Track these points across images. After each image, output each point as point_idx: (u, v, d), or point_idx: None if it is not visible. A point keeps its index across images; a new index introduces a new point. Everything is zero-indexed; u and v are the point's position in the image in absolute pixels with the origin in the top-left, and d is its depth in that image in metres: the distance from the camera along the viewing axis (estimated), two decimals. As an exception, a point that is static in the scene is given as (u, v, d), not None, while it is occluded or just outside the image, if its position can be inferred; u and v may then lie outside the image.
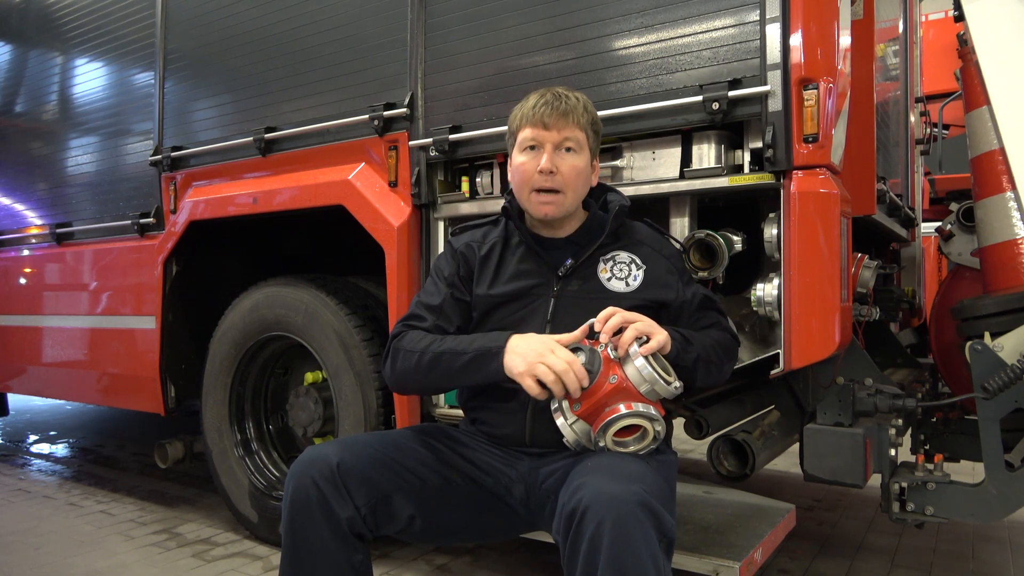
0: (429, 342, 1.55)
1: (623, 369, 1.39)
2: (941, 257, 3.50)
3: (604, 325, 1.42)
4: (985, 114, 2.22)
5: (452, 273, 1.69)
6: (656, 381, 1.37)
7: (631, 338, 1.40)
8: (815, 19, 1.72)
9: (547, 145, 1.57)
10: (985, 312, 2.05)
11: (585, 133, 1.59)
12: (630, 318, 1.43)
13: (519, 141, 1.61)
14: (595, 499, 1.20)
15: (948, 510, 1.91)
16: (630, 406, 1.37)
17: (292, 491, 1.43)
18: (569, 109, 1.56)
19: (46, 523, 2.99)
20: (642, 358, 1.38)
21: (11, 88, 3.79)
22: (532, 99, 1.60)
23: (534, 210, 1.61)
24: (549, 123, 1.56)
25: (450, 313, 1.66)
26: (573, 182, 1.59)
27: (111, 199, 3.24)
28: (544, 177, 1.56)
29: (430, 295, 1.68)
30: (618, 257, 1.63)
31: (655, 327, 1.45)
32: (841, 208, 1.71)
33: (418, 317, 1.65)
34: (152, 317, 2.96)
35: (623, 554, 1.17)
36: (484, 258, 1.68)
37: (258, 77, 2.70)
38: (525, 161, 1.59)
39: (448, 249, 1.75)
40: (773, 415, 2.18)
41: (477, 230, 1.75)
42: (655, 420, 1.38)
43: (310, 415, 2.66)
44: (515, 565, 2.53)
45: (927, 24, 5.73)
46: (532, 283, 1.63)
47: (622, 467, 1.32)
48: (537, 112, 1.56)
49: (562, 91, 1.60)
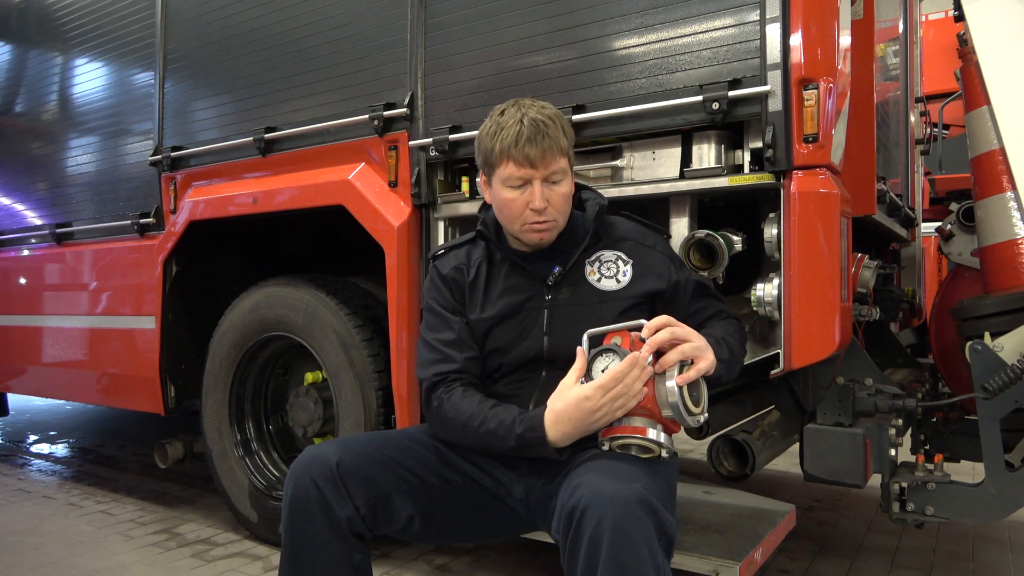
0: (468, 416, 1.50)
1: (654, 387, 1.36)
2: (941, 257, 3.50)
3: (652, 336, 1.38)
4: (985, 114, 2.22)
5: (449, 300, 1.66)
6: (680, 413, 1.34)
7: (674, 362, 1.37)
8: (815, 19, 1.72)
9: (535, 183, 1.51)
10: (985, 312, 2.05)
11: (567, 156, 1.55)
12: (680, 336, 1.39)
13: (503, 176, 1.53)
14: (595, 498, 1.20)
15: (948, 510, 1.91)
16: (644, 431, 1.36)
17: (292, 491, 1.43)
18: (551, 141, 1.49)
19: (46, 523, 2.99)
20: (675, 385, 1.34)
21: (11, 88, 3.79)
22: (508, 129, 1.50)
23: (527, 239, 1.58)
24: (535, 160, 1.49)
25: (469, 340, 1.62)
26: (564, 208, 1.57)
27: (111, 199, 3.24)
28: (537, 214, 1.53)
29: (441, 331, 1.63)
30: (603, 256, 1.62)
31: (704, 351, 1.41)
32: (841, 208, 1.71)
33: (446, 359, 1.59)
34: (152, 317, 2.96)
35: (623, 552, 1.16)
36: (472, 282, 1.65)
37: (258, 77, 2.70)
38: (514, 198, 1.53)
39: (436, 276, 1.69)
40: (773, 415, 2.18)
41: (459, 251, 1.71)
42: (664, 447, 1.37)
43: (310, 415, 2.66)
44: (515, 565, 2.53)
45: (927, 24, 5.72)
46: (523, 298, 1.61)
47: (621, 467, 1.32)
48: (520, 150, 1.48)
49: (537, 116, 1.50)
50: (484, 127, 1.57)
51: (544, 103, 1.57)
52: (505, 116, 1.53)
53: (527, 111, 1.52)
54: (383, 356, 2.38)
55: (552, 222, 1.56)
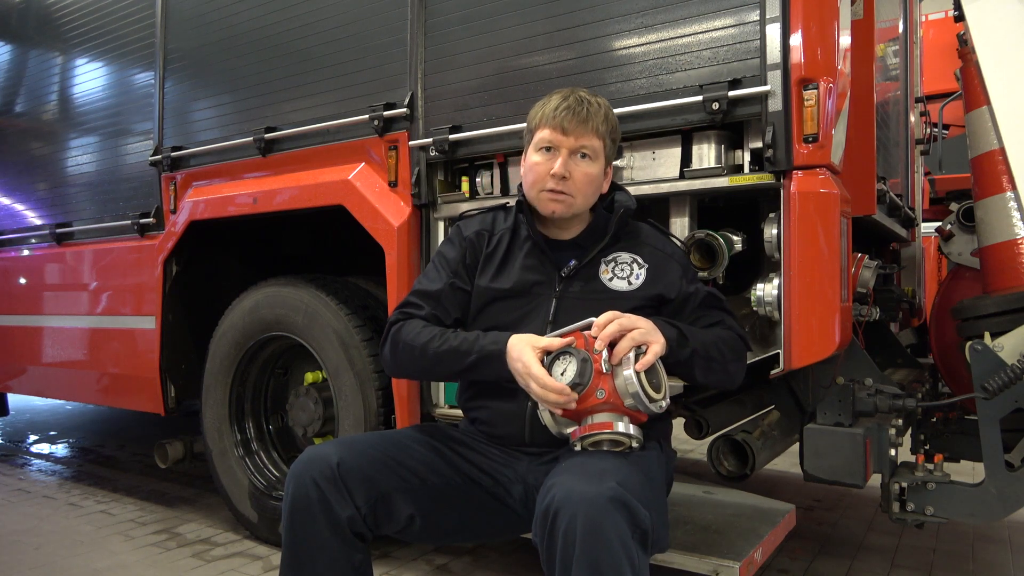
0: (428, 338, 1.55)
1: (613, 381, 1.38)
2: (941, 257, 3.50)
3: (602, 332, 1.41)
4: (985, 114, 2.22)
5: (457, 260, 1.68)
6: (641, 399, 1.37)
7: (627, 349, 1.39)
8: (815, 19, 1.72)
9: (563, 150, 1.56)
10: (985, 312, 2.05)
11: (603, 141, 1.58)
12: (627, 325, 1.42)
13: (536, 140, 1.60)
14: (567, 498, 1.22)
15: (948, 510, 1.91)
16: (611, 425, 1.38)
17: (292, 491, 1.43)
18: (589, 116, 1.55)
19: (46, 523, 2.99)
20: (633, 373, 1.37)
21: (11, 88, 3.79)
22: (555, 100, 1.58)
23: (542, 207, 1.60)
24: (568, 128, 1.54)
25: (447, 304, 1.65)
26: (584, 188, 1.58)
27: (111, 199, 3.24)
28: (556, 181, 1.56)
29: (430, 281, 1.68)
30: (619, 258, 1.63)
31: (652, 334, 1.43)
32: (841, 208, 1.71)
33: (415, 305, 1.65)
34: (152, 317, 2.96)
35: (596, 549, 1.18)
36: (491, 251, 1.68)
37: (258, 77, 2.70)
38: (540, 162, 1.58)
39: (457, 234, 1.73)
40: (773, 415, 2.18)
41: (487, 216, 1.75)
42: (633, 437, 1.39)
43: (310, 415, 2.66)
44: (515, 565, 2.53)
45: (927, 24, 5.72)
46: (535, 281, 1.63)
47: (595, 464, 1.33)
48: (558, 115, 1.55)
49: (585, 95, 1.58)
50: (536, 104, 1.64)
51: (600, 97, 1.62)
52: (558, 93, 1.61)
53: (579, 91, 1.59)
54: (383, 356, 2.38)
55: (570, 197, 1.58)
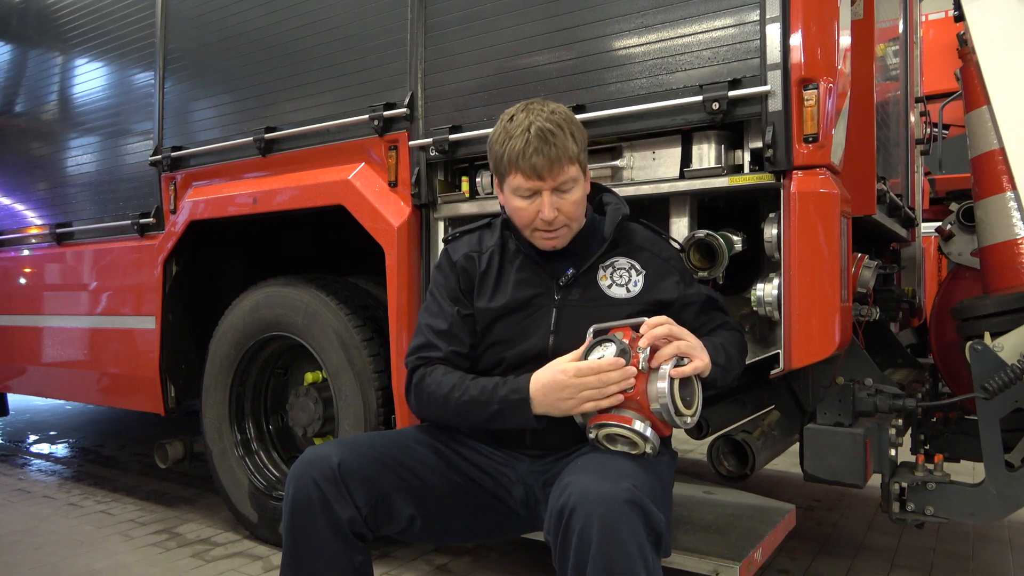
0: (450, 388, 1.52)
1: (646, 382, 1.37)
2: (941, 257, 3.50)
3: (650, 331, 1.39)
4: (985, 114, 2.22)
5: (454, 288, 1.66)
6: (669, 409, 1.34)
7: (669, 355, 1.38)
8: (815, 19, 1.72)
9: (544, 193, 1.50)
10: (985, 312, 2.05)
11: (577, 163, 1.51)
12: (677, 334, 1.41)
13: (512, 186, 1.52)
14: (583, 497, 1.21)
15: (948, 510, 1.91)
16: (631, 421, 1.36)
17: (293, 491, 1.43)
18: (559, 151, 1.46)
19: (46, 523, 2.99)
20: (668, 381, 1.35)
21: (11, 88, 3.79)
22: (516, 139, 1.47)
23: (539, 244, 1.59)
24: (543, 173, 1.47)
25: (460, 335, 1.63)
26: (575, 214, 1.56)
27: (111, 199, 3.24)
28: (547, 223, 1.53)
29: (436, 318, 1.64)
30: (617, 263, 1.62)
31: (698, 351, 1.42)
32: (841, 208, 1.71)
33: (431, 347, 1.61)
34: (152, 317, 2.96)
35: (611, 550, 1.17)
36: (484, 272, 1.65)
37: (258, 77, 2.70)
38: (524, 207, 1.53)
39: (446, 261, 1.70)
40: (773, 415, 2.18)
41: (472, 236, 1.71)
42: (649, 441, 1.37)
43: (310, 415, 2.66)
44: (515, 565, 2.53)
45: (927, 24, 5.73)
46: (533, 293, 1.61)
47: (610, 465, 1.32)
48: (527, 160, 1.46)
49: (544, 123, 1.47)
50: (495, 131, 1.55)
51: (555, 106, 1.54)
52: (514, 123, 1.50)
53: (535, 118, 1.48)
54: (383, 356, 2.38)
55: (564, 229, 1.56)
